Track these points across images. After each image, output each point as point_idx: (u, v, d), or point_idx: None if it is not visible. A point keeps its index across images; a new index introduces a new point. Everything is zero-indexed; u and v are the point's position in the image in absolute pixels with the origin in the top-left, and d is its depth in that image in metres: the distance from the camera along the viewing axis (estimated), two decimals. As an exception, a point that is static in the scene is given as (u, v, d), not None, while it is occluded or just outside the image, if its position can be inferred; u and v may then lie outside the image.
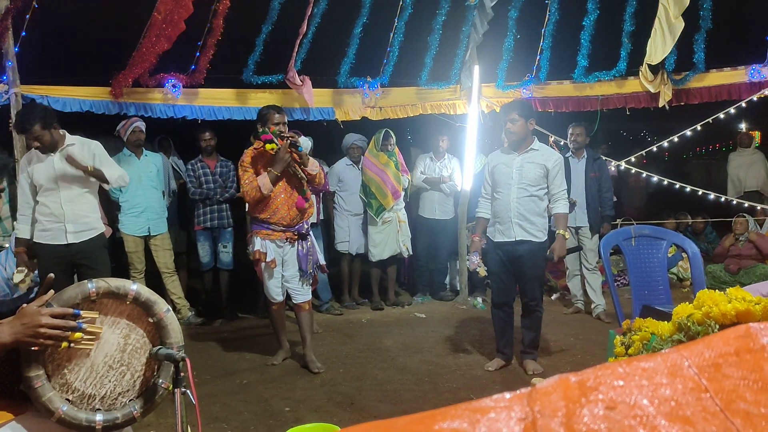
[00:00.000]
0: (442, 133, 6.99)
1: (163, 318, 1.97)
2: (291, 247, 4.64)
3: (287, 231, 4.60)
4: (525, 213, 4.45)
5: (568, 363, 4.84)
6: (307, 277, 4.73)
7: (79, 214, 4.53)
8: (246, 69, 6.11)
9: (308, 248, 4.69)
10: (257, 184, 4.44)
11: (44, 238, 4.51)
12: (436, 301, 7.04)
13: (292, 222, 4.59)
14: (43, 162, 4.46)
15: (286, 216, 4.57)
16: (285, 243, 4.63)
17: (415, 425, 0.77)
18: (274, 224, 4.57)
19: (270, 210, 4.54)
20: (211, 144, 6.30)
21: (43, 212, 4.49)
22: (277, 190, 4.53)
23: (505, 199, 4.49)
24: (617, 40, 6.54)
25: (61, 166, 4.45)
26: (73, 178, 4.47)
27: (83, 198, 4.56)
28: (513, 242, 4.48)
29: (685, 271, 7.48)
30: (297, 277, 4.70)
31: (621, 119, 8.00)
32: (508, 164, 4.52)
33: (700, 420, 0.75)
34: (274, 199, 4.53)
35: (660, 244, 4.63)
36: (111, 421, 1.89)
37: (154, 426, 3.67)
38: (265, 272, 4.69)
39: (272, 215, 4.55)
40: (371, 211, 6.61)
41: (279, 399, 4.18)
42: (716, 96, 6.61)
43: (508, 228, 4.48)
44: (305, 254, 4.66)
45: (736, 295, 2.20)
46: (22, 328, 1.70)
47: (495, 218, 4.59)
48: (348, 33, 6.41)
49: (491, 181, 4.63)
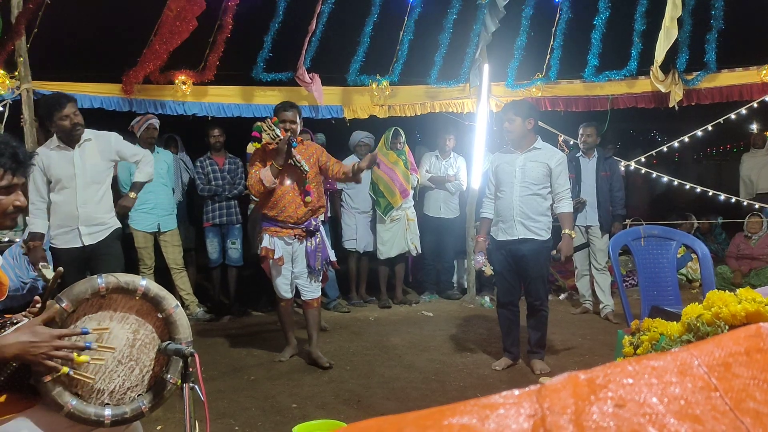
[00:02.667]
0: (448, 132, 6.99)
1: (172, 314, 1.97)
2: (300, 244, 4.66)
3: (295, 228, 4.62)
4: (528, 212, 4.45)
5: (576, 363, 4.82)
6: (315, 273, 4.74)
7: (93, 216, 4.38)
8: (255, 66, 6.12)
9: (317, 245, 4.69)
10: (260, 177, 4.46)
11: (59, 242, 4.39)
12: (443, 299, 7.04)
13: (299, 220, 4.60)
14: (62, 156, 4.29)
15: (293, 214, 4.58)
16: (294, 240, 4.65)
17: (423, 420, 0.77)
18: (282, 222, 4.59)
19: (278, 208, 4.57)
20: (220, 141, 6.32)
21: (57, 214, 4.33)
22: (284, 189, 4.55)
23: (507, 198, 4.49)
24: (628, 39, 6.51)
25: (80, 162, 4.30)
26: (92, 176, 4.34)
27: (99, 198, 4.41)
28: (516, 241, 4.47)
29: (694, 272, 7.44)
30: (305, 273, 4.72)
31: (631, 119, 7.98)
32: (510, 163, 4.53)
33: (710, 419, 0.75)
34: (281, 198, 4.55)
35: (669, 244, 4.61)
36: (119, 416, 1.90)
37: (162, 421, 3.68)
38: (273, 269, 4.72)
39: (280, 213, 4.58)
40: (379, 210, 6.61)
41: (286, 395, 4.19)
42: (727, 96, 6.57)
43: (511, 227, 4.48)
44: (314, 251, 4.67)
45: (746, 296, 2.18)
46: (29, 347, 1.71)
47: (498, 217, 4.59)
48: (358, 31, 6.41)
49: (494, 180, 4.65)
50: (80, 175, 4.31)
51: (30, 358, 1.72)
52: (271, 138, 4.41)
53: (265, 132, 4.42)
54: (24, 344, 1.71)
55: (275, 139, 4.41)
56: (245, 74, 6.19)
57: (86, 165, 4.32)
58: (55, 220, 4.36)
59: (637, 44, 6.46)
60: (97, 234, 4.42)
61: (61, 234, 4.38)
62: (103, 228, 4.45)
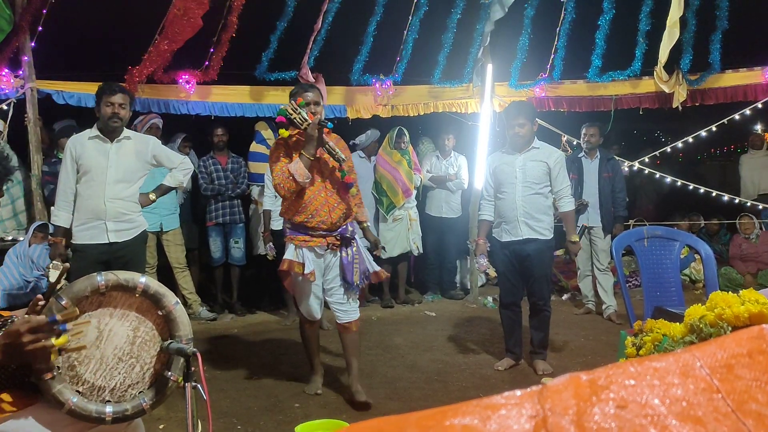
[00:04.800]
0: (447, 132, 6.99)
1: (171, 311, 1.98)
2: (333, 256, 3.90)
3: (329, 236, 3.85)
4: (531, 211, 4.46)
5: (579, 363, 4.82)
6: (353, 290, 3.94)
7: (121, 212, 4.19)
8: (259, 66, 6.13)
9: (353, 255, 3.91)
10: (289, 172, 3.66)
11: (84, 237, 4.16)
12: (446, 299, 7.04)
13: (334, 225, 3.84)
14: (98, 147, 4.16)
15: (327, 219, 3.81)
16: (326, 251, 3.88)
17: (426, 421, 0.77)
18: (313, 228, 3.82)
19: (308, 211, 3.80)
20: (223, 140, 6.33)
21: (81, 208, 4.15)
22: (315, 189, 3.80)
23: (510, 198, 4.49)
24: (632, 39, 6.50)
25: (116, 158, 4.17)
26: (124, 174, 4.20)
27: (127, 196, 4.24)
28: (521, 241, 4.47)
29: (697, 273, 7.42)
30: (341, 290, 3.93)
31: (634, 119, 7.95)
32: (510, 164, 4.53)
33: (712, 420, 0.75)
34: (312, 200, 3.79)
35: (673, 245, 4.60)
36: (120, 413, 1.91)
37: (165, 420, 3.69)
38: (299, 287, 3.96)
39: (310, 218, 3.80)
40: (382, 209, 6.63)
41: (288, 395, 4.19)
42: (731, 97, 6.55)
43: (515, 227, 4.47)
44: (350, 262, 3.87)
45: (750, 298, 2.18)
46: (5, 347, 1.66)
47: (500, 218, 4.58)
48: (362, 31, 6.41)
49: (493, 182, 4.63)
50: (112, 169, 4.15)
51: (13, 354, 1.66)
52: (299, 122, 3.64)
53: (290, 116, 3.64)
54: (3, 346, 1.66)
55: (303, 123, 3.64)
56: (248, 73, 6.19)
57: (120, 161, 4.18)
58: (79, 215, 4.16)
59: (641, 44, 6.44)
60: (124, 232, 4.22)
61: (85, 229, 4.16)
62: (132, 227, 4.27)
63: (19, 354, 1.66)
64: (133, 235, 4.28)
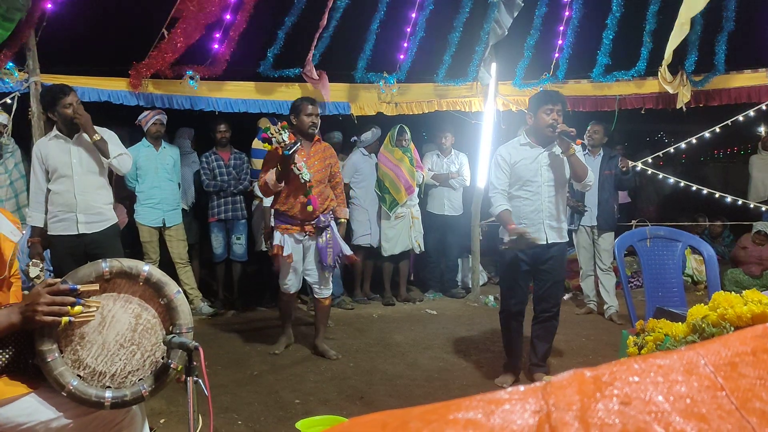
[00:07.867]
0: (445, 131, 6.98)
1: (173, 299, 2.00)
2: (311, 241, 4.75)
3: (306, 224, 4.69)
4: (556, 214, 4.15)
5: (580, 363, 4.81)
6: (328, 269, 4.81)
7: (91, 205, 4.45)
8: (264, 62, 6.12)
9: (327, 240, 4.75)
10: (265, 179, 4.59)
11: (56, 229, 4.43)
12: (447, 297, 7.04)
13: (308, 216, 4.67)
14: (60, 146, 4.40)
15: (301, 213, 4.67)
16: (304, 237, 4.74)
17: (428, 415, 0.77)
18: (292, 217, 4.68)
19: (288, 203, 4.67)
20: (226, 136, 6.34)
21: (55, 202, 4.41)
22: (291, 187, 4.63)
23: (535, 199, 4.10)
24: (637, 39, 6.47)
25: (77, 152, 4.40)
26: (88, 166, 4.42)
27: (97, 188, 4.48)
28: (543, 246, 4.12)
29: (700, 274, 7.41)
30: (317, 270, 4.81)
31: (638, 120, 7.92)
32: (534, 159, 4.11)
33: (716, 418, 0.74)
34: (290, 195, 4.65)
35: (675, 245, 4.60)
36: (119, 398, 1.92)
37: (166, 414, 3.70)
38: (282, 266, 4.83)
39: (290, 208, 4.67)
40: (384, 206, 6.63)
41: (289, 391, 4.20)
42: (736, 98, 6.52)
43: (539, 230, 4.10)
44: (324, 247, 4.73)
45: (752, 298, 2.18)
46: (26, 308, 1.79)
47: (521, 221, 4.11)
48: (366, 28, 6.40)
49: (510, 177, 4.15)
50: (77, 165, 4.40)
51: (30, 315, 1.78)
52: (277, 143, 4.51)
53: (272, 136, 4.52)
54: (21, 307, 1.80)
55: (281, 143, 4.49)
56: (252, 70, 6.18)
57: (82, 155, 4.42)
58: (53, 208, 4.43)
59: (647, 44, 6.42)
60: (93, 224, 4.47)
61: (57, 221, 4.43)
62: (101, 219, 4.52)
63: (33, 316, 1.77)
64: (102, 227, 4.51)
